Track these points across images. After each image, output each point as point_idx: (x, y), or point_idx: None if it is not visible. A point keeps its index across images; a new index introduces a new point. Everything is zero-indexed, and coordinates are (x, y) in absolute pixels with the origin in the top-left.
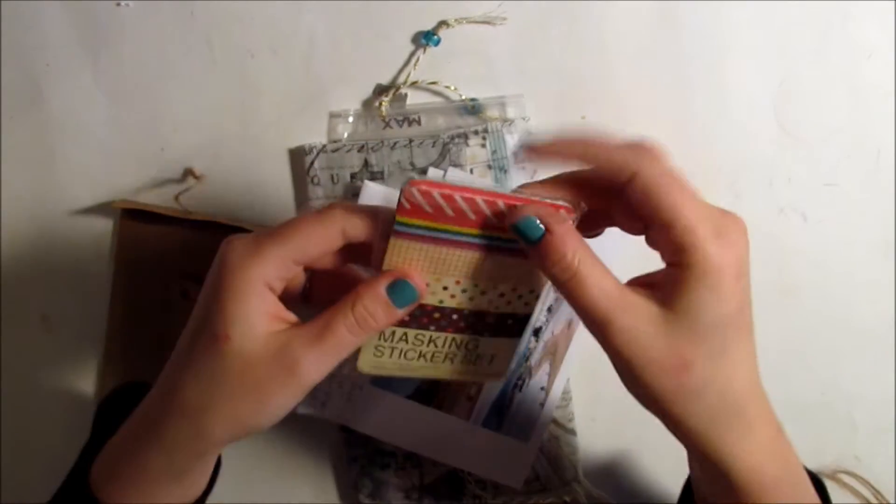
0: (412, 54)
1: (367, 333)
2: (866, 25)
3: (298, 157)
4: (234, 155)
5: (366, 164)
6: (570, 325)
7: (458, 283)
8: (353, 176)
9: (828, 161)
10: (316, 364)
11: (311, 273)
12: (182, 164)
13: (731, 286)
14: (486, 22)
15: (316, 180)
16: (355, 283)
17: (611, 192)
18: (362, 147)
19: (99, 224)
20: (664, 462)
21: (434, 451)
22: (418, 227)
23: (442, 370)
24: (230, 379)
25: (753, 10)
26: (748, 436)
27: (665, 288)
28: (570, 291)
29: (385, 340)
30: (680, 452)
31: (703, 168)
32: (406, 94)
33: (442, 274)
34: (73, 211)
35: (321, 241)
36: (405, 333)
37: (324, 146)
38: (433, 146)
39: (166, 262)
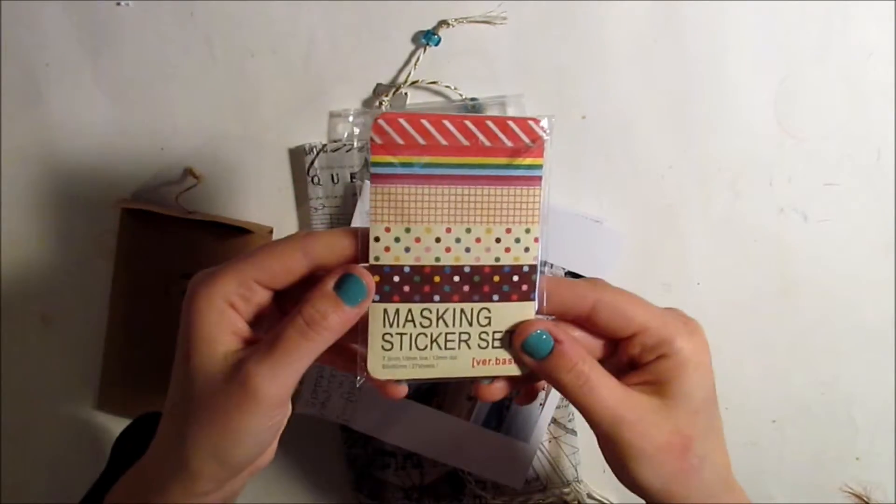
0: (412, 54)
1: (321, 336)
2: (866, 25)
3: (298, 157)
4: (234, 155)
5: (366, 163)
6: None
7: (448, 230)
8: (353, 176)
9: (828, 161)
10: (270, 378)
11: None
12: (182, 164)
13: (708, 364)
14: (486, 22)
15: (316, 180)
16: None
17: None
18: (362, 147)
19: (99, 224)
20: None
21: (434, 451)
22: (394, 164)
23: (461, 361)
24: (196, 404)
25: (753, 9)
26: None
27: (655, 381)
28: (584, 396)
29: (390, 325)
30: None
31: (703, 168)
32: (406, 94)
33: (431, 221)
34: (73, 211)
35: (280, 260)
36: (409, 311)
37: (324, 146)
38: None
39: (166, 263)
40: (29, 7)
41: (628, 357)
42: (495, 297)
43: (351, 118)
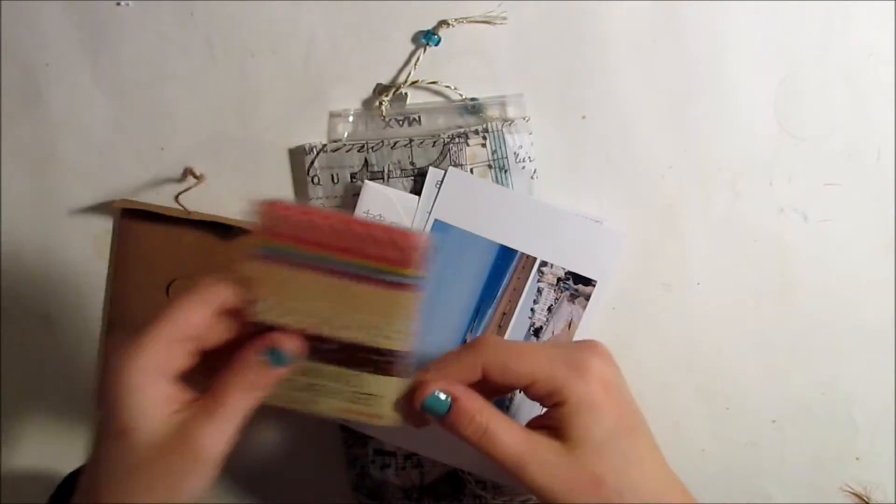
0: (412, 54)
1: (255, 395)
2: (866, 25)
3: (298, 157)
4: (234, 155)
5: (366, 163)
6: (570, 325)
7: (328, 308)
8: (353, 176)
9: (828, 161)
10: (215, 437)
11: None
12: (182, 164)
13: (603, 401)
14: (486, 22)
15: (316, 180)
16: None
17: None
18: (362, 147)
19: (99, 224)
20: None
21: (434, 451)
22: (277, 250)
23: (328, 406)
24: (141, 472)
25: (753, 9)
26: None
27: (555, 426)
28: (486, 445)
29: None
30: (676, 451)
31: (703, 168)
32: (406, 94)
33: (309, 300)
34: (73, 211)
35: (193, 314)
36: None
37: (324, 146)
38: (433, 146)
39: (166, 262)
40: (29, 7)
41: (534, 399)
42: (366, 368)
43: (351, 118)
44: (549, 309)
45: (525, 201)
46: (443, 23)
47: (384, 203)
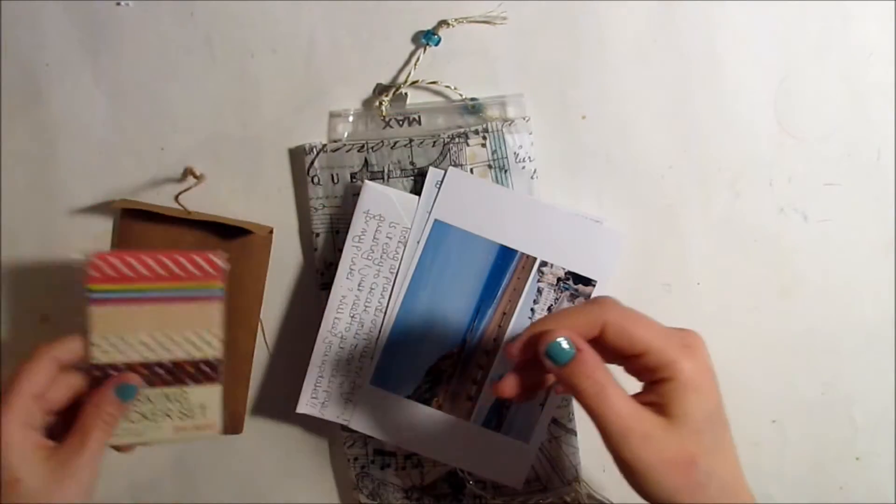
0: (412, 54)
1: (112, 427)
2: (866, 25)
3: (298, 157)
4: (234, 155)
5: (366, 163)
6: None
7: (151, 336)
8: (353, 175)
9: (828, 161)
10: (88, 469)
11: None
12: (182, 164)
13: (709, 386)
14: (486, 22)
15: (316, 180)
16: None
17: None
18: (362, 147)
19: (99, 224)
20: None
21: (434, 451)
22: (108, 291)
23: (164, 429)
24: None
25: (753, 9)
26: None
27: (659, 402)
28: (599, 404)
29: None
30: None
31: (703, 168)
32: (406, 94)
33: (138, 329)
34: (73, 211)
35: (38, 374)
36: None
37: (324, 146)
38: (433, 146)
39: None
40: (29, 7)
41: (634, 374)
42: (190, 382)
43: (351, 118)
44: (549, 309)
45: (525, 201)
46: (443, 23)
47: (384, 203)
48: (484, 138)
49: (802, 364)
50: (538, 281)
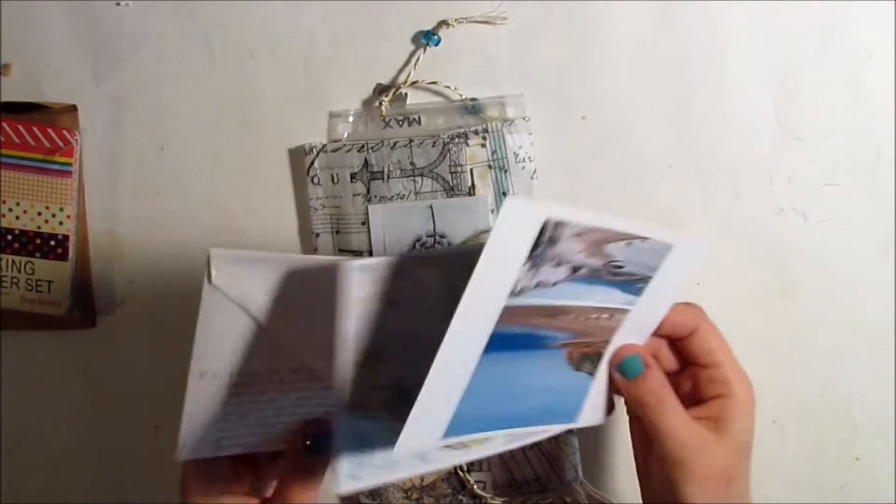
0: (412, 54)
1: None
2: (866, 25)
3: (298, 157)
4: (234, 155)
5: (366, 163)
6: None
7: (4, 202)
8: (353, 176)
9: (828, 161)
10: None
11: None
12: (182, 164)
13: (753, 415)
14: (486, 22)
15: (316, 180)
16: None
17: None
18: (362, 147)
19: (98, 223)
20: None
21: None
22: None
23: (13, 298)
24: None
25: (753, 10)
26: None
27: (712, 417)
28: (658, 417)
29: None
30: None
31: (703, 168)
32: (406, 94)
33: None
34: None
35: None
36: None
37: (324, 146)
38: (433, 146)
39: None
40: (29, 7)
41: (692, 384)
42: (38, 255)
43: (351, 118)
44: None
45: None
46: (443, 23)
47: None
48: (484, 138)
49: (802, 364)
50: None
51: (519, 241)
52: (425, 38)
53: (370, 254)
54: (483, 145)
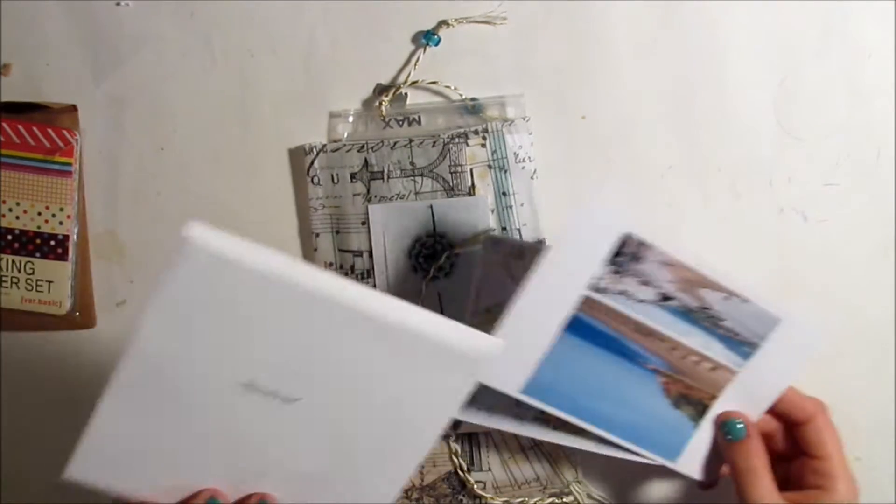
0: (412, 54)
1: None
2: (866, 25)
3: (298, 157)
4: (234, 155)
5: (366, 163)
6: None
7: (4, 202)
8: (353, 176)
9: (828, 161)
10: None
11: None
12: (182, 164)
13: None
14: (486, 22)
15: (316, 180)
16: None
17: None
18: (362, 147)
19: (99, 223)
20: None
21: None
22: None
23: (14, 297)
24: None
25: (753, 9)
26: None
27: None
28: (747, 483)
29: None
30: None
31: (703, 168)
32: (406, 94)
33: None
34: None
35: None
36: None
37: (324, 146)
38: (433, 146)
39: None
40: (29, 7)
41: (798, 470)
42: (38, 255)
43: (351, 118)
44: None
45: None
46: (443, 23)
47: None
48: (484, 138)
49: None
50: None
51: (598, 233)
52: (425, 38)
53: (370, 254)
54: (483, 145)
